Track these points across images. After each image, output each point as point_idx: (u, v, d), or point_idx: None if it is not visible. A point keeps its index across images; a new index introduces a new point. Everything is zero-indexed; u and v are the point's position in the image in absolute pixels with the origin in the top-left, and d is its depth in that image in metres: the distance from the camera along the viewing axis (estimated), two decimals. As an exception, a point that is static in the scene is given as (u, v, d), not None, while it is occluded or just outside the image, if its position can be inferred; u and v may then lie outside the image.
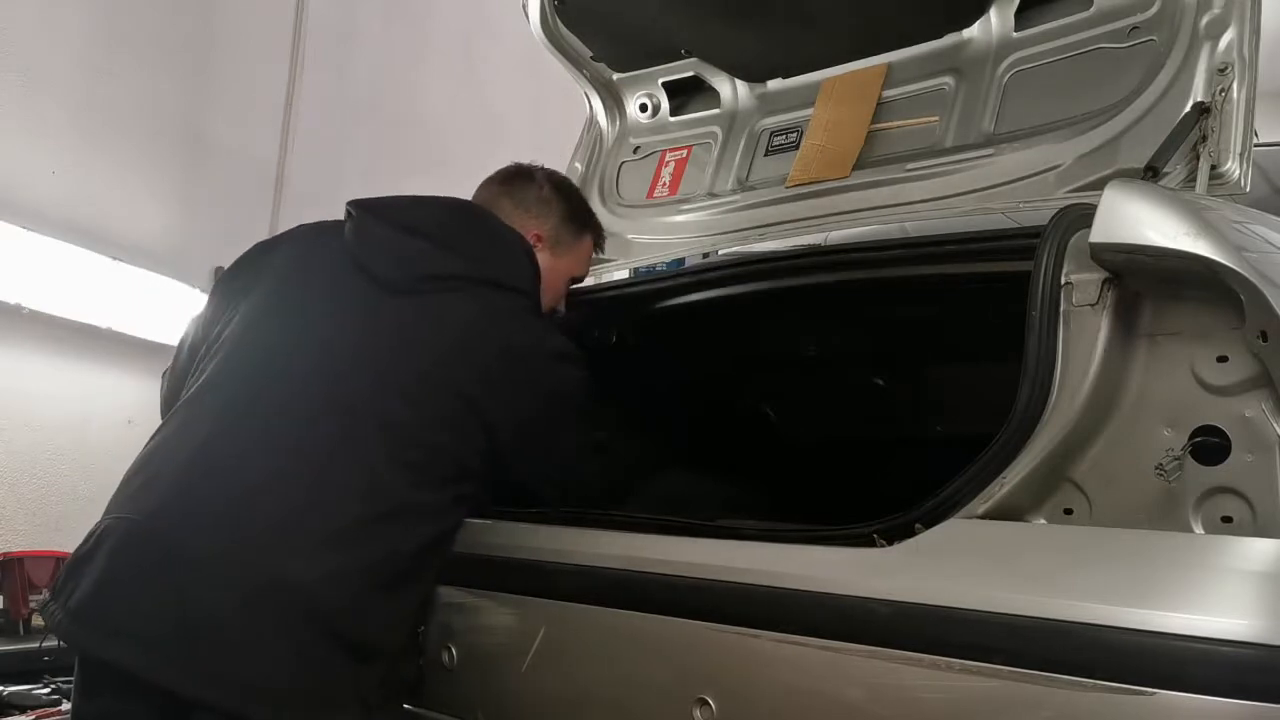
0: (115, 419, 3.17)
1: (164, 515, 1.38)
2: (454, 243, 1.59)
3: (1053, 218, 1.27)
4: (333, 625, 1.36)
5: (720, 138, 2.23)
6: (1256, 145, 1.45)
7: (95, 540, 1.42)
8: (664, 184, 2.26)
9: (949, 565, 1.15)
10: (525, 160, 1.87)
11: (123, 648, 1.32)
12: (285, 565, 1.34)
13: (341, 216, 1.67)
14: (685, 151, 2.27)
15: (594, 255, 1.93)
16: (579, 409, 1.62)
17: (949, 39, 1.92)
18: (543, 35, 2.25)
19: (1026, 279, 1.23)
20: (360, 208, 1.64)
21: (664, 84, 2.30)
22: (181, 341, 1.76)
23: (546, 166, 1.88)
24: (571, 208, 1.85)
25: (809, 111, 2.06)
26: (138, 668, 1.31)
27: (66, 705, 2.27)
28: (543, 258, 1.74)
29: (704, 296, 1.95)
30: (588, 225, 1.88)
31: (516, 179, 1.82)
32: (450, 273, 1.56)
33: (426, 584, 1.55)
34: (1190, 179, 1.43)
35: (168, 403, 1.72)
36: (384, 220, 1.61)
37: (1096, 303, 1.18)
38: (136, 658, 1.31)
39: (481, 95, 4.84)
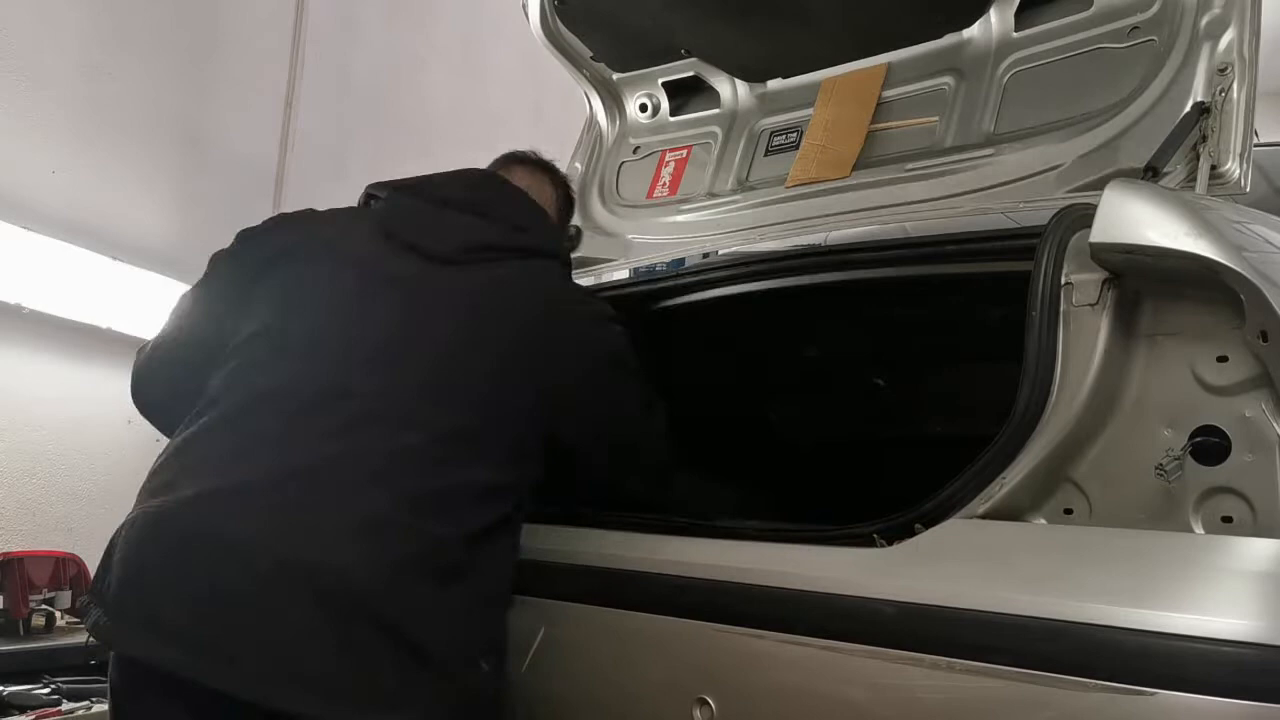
0: (115, 419, 3.17)
1: (203, 501, 1.31)
2: (493, 214, 1.58)
3: (1053, 218, 1.27)
4: (382, 617, 1.26)
5: (720, 138, 2.23)
6: (1256, 145, 1.46)
7: (128, 530, 1.35)
8: (664, 184, 2.26)
9: (949, 565, 1.15)
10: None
11: (168, 649, 1.25)
12: (330, 553, 1.26)
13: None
14: (685, 151, 2.27)
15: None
16: (634, 368, 1.58)
17: (949, 39, 1.92)
18: (542, 35, 2.25)
19: (1026, 279, 1.23)
20: (391, 189, 1.64)
21: (664, 84, 2.30)
22: (179, 318, 1.64)
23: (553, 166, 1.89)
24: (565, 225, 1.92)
25: (809, 111, 2.06)
26: (184, 669, 1.24)
27: (67, 705, 2.27)
28: None
29: (704, 297, 1.95)
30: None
31: (541, 171, 1.83)
32: (492, 243, 1.54)
33: (491, 592, 1.42)
34: (1190, 179, 1.43)
35: (172, 379, 1.60)
36: (420, 196, 1.61)
37: (1096, 303, 1.18)
38: (181, 659, 1.24)
39: (482, 96, 4.85)
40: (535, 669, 1.49)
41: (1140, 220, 1.13)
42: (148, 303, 3.22)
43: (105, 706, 2.33)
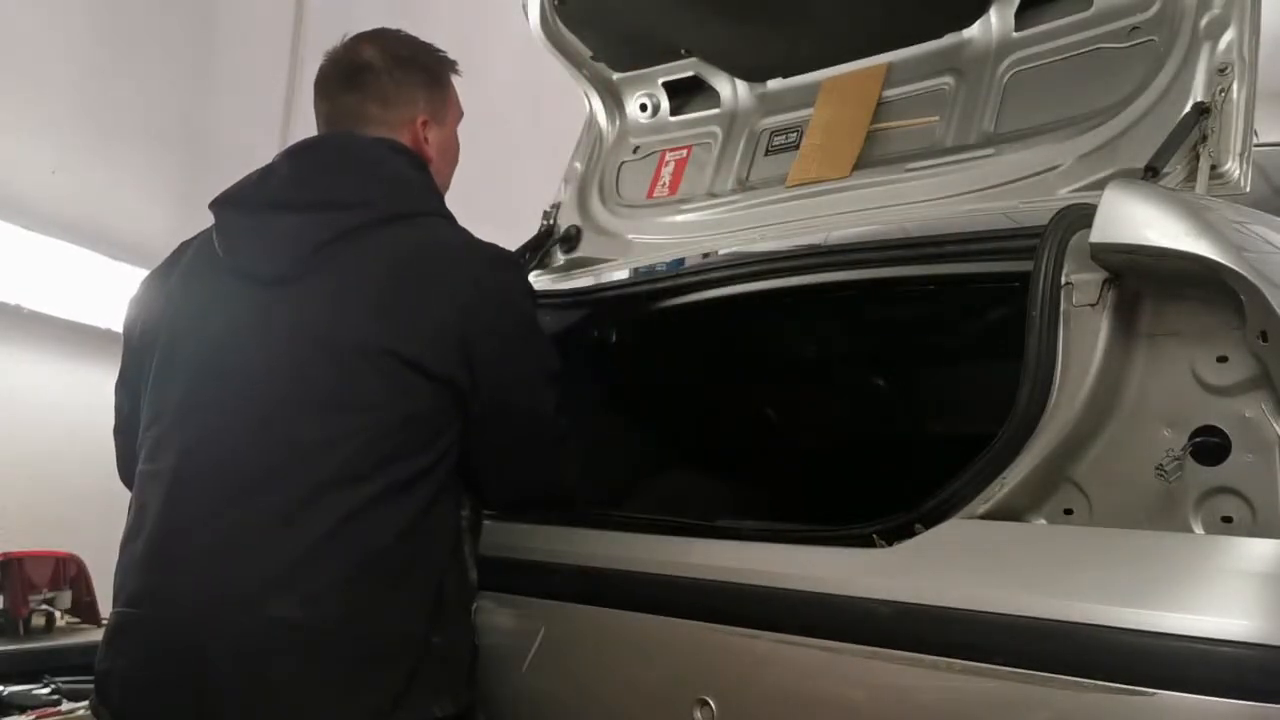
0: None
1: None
2: (331, 197, 1.50)
3: (1053, 218, 1.27)
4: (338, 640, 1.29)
5: (720, 138, 2.22)
6: (1256, 145, 1.45)
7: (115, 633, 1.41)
8: (664, 184, 2.25)
9: (949, 566, 1.15)
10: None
11: None
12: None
13: None
14: (685, 151, 2.27)
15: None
16: (530, 316, 1.50)
17: (949, 39, 1.92)
18: (542, 35, 2.25)
19: (1027, 279, 1.23)
20: (217, 205, 1.53)
21: (664, 84, 2.29)
22: None
23: (359, 35, 1.82)
24: (428, 73, 1.73)
25: (809, 111, 2.06)
26: None
27: (67, 705, 2.27)
28: (435, 134, 1.66)
29: (704, 296, 1.95)
30: (447, 71, 1.76)
31: (359, 75, 1.71)
32: (339, 229, 1.44)
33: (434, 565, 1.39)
34: (1190, 179, 1.43)
35: None
36: (244, 208, 1.51)
37: (1097, 303, 1.18)
38: None
39: (482, 95, 4.81)
40: (535, 669, 1.49)
41: (1140, 220, 1.13)
42: (148, 303, 3.22)
43: (105, 706, 2.34)
